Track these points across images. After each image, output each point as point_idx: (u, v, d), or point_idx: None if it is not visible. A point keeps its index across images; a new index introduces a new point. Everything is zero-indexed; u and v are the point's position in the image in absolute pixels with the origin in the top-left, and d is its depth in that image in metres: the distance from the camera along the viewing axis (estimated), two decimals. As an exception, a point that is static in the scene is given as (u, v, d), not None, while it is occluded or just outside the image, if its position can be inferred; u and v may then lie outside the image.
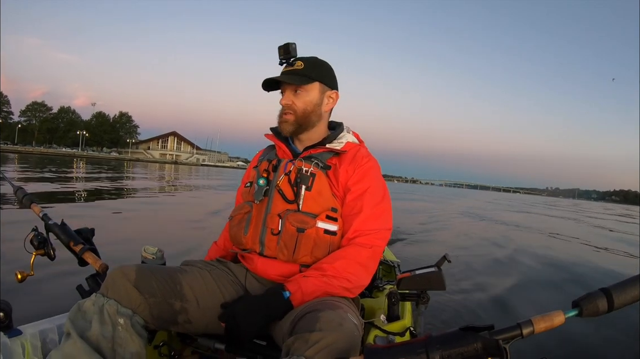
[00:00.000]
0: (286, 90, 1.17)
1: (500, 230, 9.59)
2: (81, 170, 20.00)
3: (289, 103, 1.16)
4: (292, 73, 1.15)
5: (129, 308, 0.94)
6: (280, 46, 1.16)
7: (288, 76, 1.15)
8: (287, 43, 1.15)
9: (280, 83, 1.18)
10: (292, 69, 1.15)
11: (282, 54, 1.16)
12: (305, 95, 1.17)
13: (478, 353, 0.60)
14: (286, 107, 1.17)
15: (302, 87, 1.16)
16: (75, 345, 0.86)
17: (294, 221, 1.06)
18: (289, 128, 1.17)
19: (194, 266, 1.12)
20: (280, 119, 1.18)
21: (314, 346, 0.76)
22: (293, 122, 1.16)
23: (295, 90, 1.16)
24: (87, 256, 1.17)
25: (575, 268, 5.26)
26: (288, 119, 1.16)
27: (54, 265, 1.32)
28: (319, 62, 1.19)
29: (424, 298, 1.27)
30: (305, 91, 1.17)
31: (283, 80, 1.15)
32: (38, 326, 1.03)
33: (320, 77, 1.17)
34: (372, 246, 1.06)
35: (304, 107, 1.16)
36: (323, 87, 1.19)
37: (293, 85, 1.16)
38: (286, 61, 1.17)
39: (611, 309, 0.62)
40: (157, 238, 4.81)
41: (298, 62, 1.16)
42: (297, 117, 1.16)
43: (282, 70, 1.18)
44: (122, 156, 72.61)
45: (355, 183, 1.11)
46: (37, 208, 1.30)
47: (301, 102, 1.16)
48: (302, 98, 1.16)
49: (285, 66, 1.17)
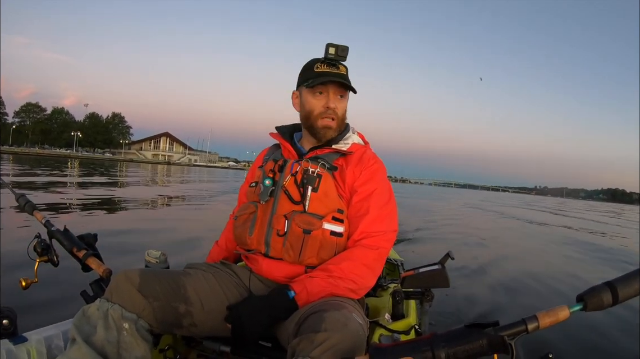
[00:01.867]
0: (331, 92, 1.15)
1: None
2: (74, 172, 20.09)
3: (334, 107, 1.15)
4: (343, 78, 1.13)
5: (133, 313, 0.94)
6: (332, 44, 1.12)
7: (346, 79, 1.13)
8: (344, 45, 1.12)
9: (329, 80, 1.12)
10: (339, 72, 1.13)
11: (335, 53, 1.12)
12: (345, 101, 1.18)
13: (484, 349, 0.60)
14: (332, 110, 1.14)
15: (346, 93, 1.17)
16: (81, 351, 0.86)
17: (300, 222, 1.06)
18: (331, 134, 1.17)
19: (198, 269, 1.12)
20: (322, 123, 1.15)
21: (320, 347, 0.76)
22: (336, 128, 1.17)
23: (340, 95, 1.16)
24: (91, 262, 1.17)
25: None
26: (332, 125, 1.16)
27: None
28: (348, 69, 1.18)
29: (428, 296, 1.27)
30: (346, 98, 1.18)
31: (345, 82, 1.13)
32: (43, 333, 1.03)
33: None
34: (378, 248, 1.06)
35: (342, 113, 1.18)
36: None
37: (341, 89, 1.15)
38: (331, 62, 1.13)
39: (616, 302, 0.62)
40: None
41: (342, 66, 1.14)
42: (339, 123, 1.17)
43: (325, 69, 1.13)
44: (115, 157, 72.73)
45: (362, 184, 1.11)
46: (40, 214, 1.30)
47: (342, 107, 1.17)
48: (343, 104, 1.17)
49: (327, 66, 1.13)
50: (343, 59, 1.13)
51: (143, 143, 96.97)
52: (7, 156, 36.34)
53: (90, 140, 78.01)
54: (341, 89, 1.14)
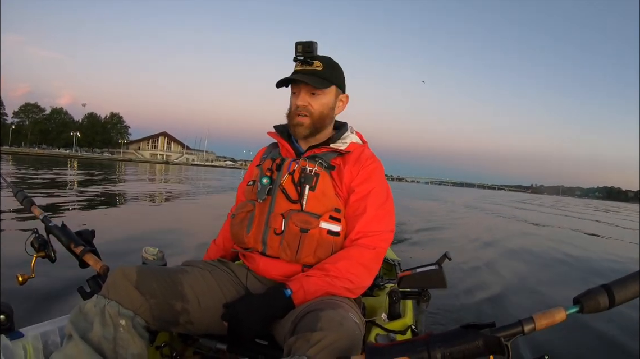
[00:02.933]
0: (302, 91, 1.13)
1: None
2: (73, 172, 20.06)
3: (304, 105, 1.13)
4: (312, 74, 1.12)
5: (130, 309, 0.94)
6: (299, 42, 1.11)
7: (309, 77, 1.11)
8: (309, 41, 1.11)
9: (292, 80, 1.14)
10: (311, 69, 1.12)
11: (302, 51, 1.11)
12: (322, 98, 1.14)
13: (480, 350, 0.60)
14: (302, 107, 1.13)
15: (321, 89, 1.13)
16: (77, 347, 0.86)
17: (298, 221, 1.06)
18: (304, 132, 1.15)
19: (195, 267, 1.12)
20: (294, 121, 1.15)
21: (316, 346, 0.76)
22: (309, 125, 1.14)
23: (312, 92, 1.14)
24: (88, 258, 1.16)
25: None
26: (303, 122, 1.14)
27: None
28: (334, 64, 1.16)
29: (425, 296, 1.27)
30: (323, 94, 1.14)
31: (305, 80, 1.11)
32: (40, 328, 1.03)
33: (336, 80, 1.16)
34: (375, 247, 1.06)
35: (320, 110, 1.14)
36: (337, 91, 1.18)
37: (311, 86, 1.12)
38: (303, 59, 1.13)
39: (612, 305, 0.62)
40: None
41: (317, 62, 1.12)
42: (313, 120, 1.14)
43: (298, 68, 1.13)
44: (115, 156, 72.71)
45: (359, 184, 1.11)
46: (38, 210, 1.29)
47: (318, 104, 1.14)
48: (319, 100, 1.14)
49: (300, 64, 1.13)
50: (312, 55, 1.12)
51: (141, 142, 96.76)
52: (7, 156, 36.30)
53: (89, 140, 77.96)
54: (311, 86, 1.12)
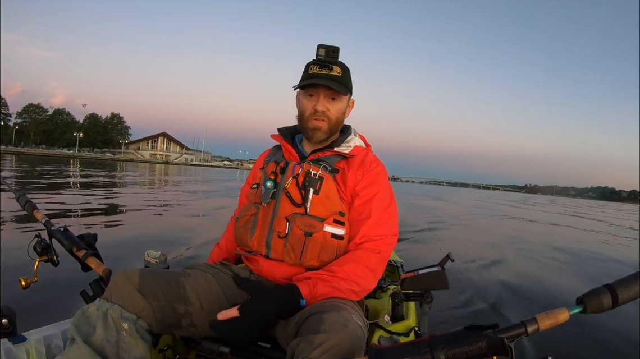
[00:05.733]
0: (321, 95, 1.13)
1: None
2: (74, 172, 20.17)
3: (324, 110, 1.13)
4: (333, 79, 1.12)
5: (132, 313, 0.94)
6: (324, 45, 1.11)
7: (333, 82, 1.11)
8: (334, 46, 1.11)
9: (310, 83, 1.12)
10: (331, 74, 1.12)
11: (325, 54, 1.11)
12: (339, 104, 1.16)
13: (483, 351, 0.60)
14: (321, 112, 1.13)
15: (340, 96, 1.14)
16: (80, 350, 0.86)
17: (302, 224, 1.06)
18: (321, 136, 1.15)
19: (198, 270, 1.12)
20: (311, 125, 1.14)
21: (319, 348, 0.76)
22: (327, 130, 1.15)
23: (332, 97, 1.14)
24: (90, 262, 1.17)
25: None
26: (322, 127, 1.14)
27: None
28: (349, 70, 1.17)
29: (427, 297, 1.26)
30: (340, 100, 1.16)
31: (332, 86, 1.11)
32: (42, 332, 1.03)
33: (351, 87, 1.17)
34: (380, 251, 1.07)
35: (337, 116, 1.16)
36: (349, 96, 1.19)
37: (333, 91, 1.13)
38: (324, 63, 1.12)
39: (615, 305, 0.61)
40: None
41: (336, 67, 1.12)
42: (331, 126, 1.15)
43: (316, 71, 1.12)
44: (117, 157, 73.26)
45: (363, 188, 1.11)
46: (40, 214, 1.30)
47: (335, 110, 1.15)
48: (336, 106, 1.15)
49: (319, 67, 1.12)
50: (334, 59, 1.12)
51: (140, 143, 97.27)
52: (11, 156, 36.63)
53: (91, 140, 78.39)
54: (332, 91, 1.13)
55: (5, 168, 16.57)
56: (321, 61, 1.12)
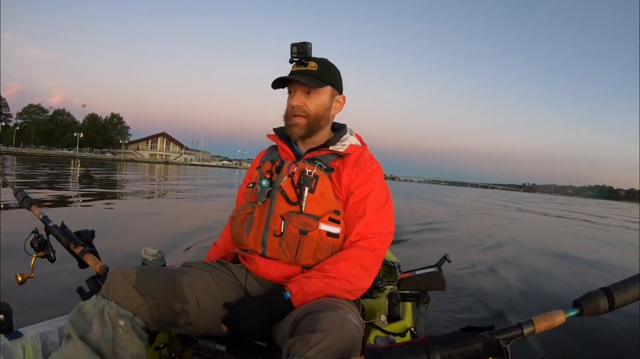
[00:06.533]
0: (297, 91, 1.14)
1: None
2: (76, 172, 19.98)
3: (300, 105, 1.13)
4: (306, 74, 1.12)
5: (129, 310, 0.94)
6: (294, 43, 1.12)
7: (304, 77, 1.11)
8: (303, 42, 1.12)
9: (287, 81, 1.14)
10: (306, 69, 1.12)
11: (297, 52, 1.12)
12: (317, 98, 1.15)
13: (479, 353, 0.60)
14: (297, 108, 1.14)
15: (316, 89, 1.14)
16: (76, 347, 0.86)
17: (297, 223, 1.06)
18: (299, 132, 1.15)
19: (194, 268, 1.12)
20: (290, 121, 1.15)
21: (315, 348, 0.76)
22: (304, 125, 1.14)
23: (307, 92, 1.14)
24: (88, 258, 1.16)
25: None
26: (299, 122, 1.14)
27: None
28: (330, 65, 1.17)
29: (424, 298, 1.26)
30: (318, 94, 1.15)
31: (299, 80, 1.11)
32: (39, 328, 1.03)
33: (332, 81, 1.16)
34: (374, 249, 1.07)
35: (315, 111, 1.15)
36: (333, 91, 1.18)
37: (306, 86, 1.13)
38: (298, 60, 1.13)
39: (612, 308, 0.61)
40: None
41: (312, 62, 1.13)
42: (309, 121, 1.14)
43: (293, 69, 1.14)
44: (117, 157, 73.31)
45: (358, 186, 1.11)
46: (37, 210, 1.29)
47: (313, 104, 1.14)
48: (314, 101, 1.15)
49: (296, 65, 1.14)
50: (307, 55, 1.12)
51: (140, 143, 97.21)
52: (11, 156, 36.50)
53: (91, 141, 78.40)
54: (306, 86, 1.12)
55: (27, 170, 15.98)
56: (295, 59, 1.13)
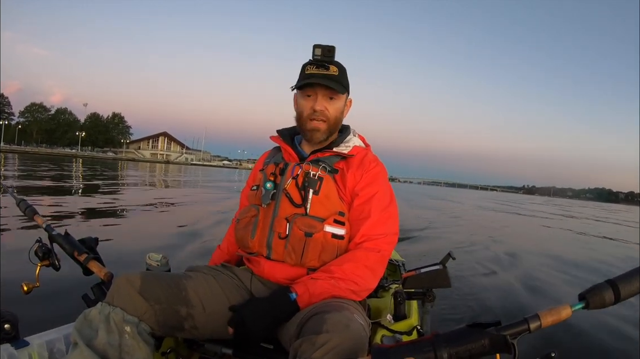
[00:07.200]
0: (319, 95, 1.13)
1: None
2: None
3: (322, 109, 1.13)
4: (331, 79, 1.12)
5: (135, 316, 0.94)
6: (320, 45, 1.11)
7: (331, 81, 1.11)
8: (330, 45, 1.11)
9: (308, 83, 1.12)
10: (328, 74, 1.12)
11: (321, 54, 1.12)
12: (337, 103, 1.15)
13: (486, 349, 0.60)
14: (319, 112, 1.13)
15: (338, 94, 1.14)
16: (83, 354, 0.86)
17: (302, 225, 1.06)
18: (320, 137, 1.15)
19: (199, 272, 1.12)
20: (309, 125, 1.14)
21: (321, 349, 0.76)
22: (325, 130, 1.15)
23: (330, 97, 1.14)
24: (92, 265, 1.17)
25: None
26: (321, 127, 1.14)
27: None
28: (344, 69, 1.17)
29: (429, 296, 1.26)
30: (339, 99, 1.16)
31: (330, 85, 1.11)
32: (45, 337, 1.03)
33: (348, 86, 1.17)
34: (379, 250, 1.06)
35: (335, 115, 1.15)
36: (346, 95, 1.19)
37: (330, 91, 1.13)
38: (320, 63, 1.12)
39: (618, 300, 0.61)
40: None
41: (333, 66, 1.12)
42: (329, 125, 1.15)
43: (313, 71, 1.12)
44: (119, 156, 73.61)
45: (363, 187, 1.11)
46: (40, 219, 1.30)
47: (333, 109, 1.15)
48: (334, 105, 1.15)
49: (316, 67, 1.12)
50: (330, 59, 1.12)
51: (141, 142, 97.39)
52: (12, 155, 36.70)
53: (92, 140, 78.69)
54: (330, 91, 1.13)
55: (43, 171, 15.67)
56: (318, 61, 1.12)
